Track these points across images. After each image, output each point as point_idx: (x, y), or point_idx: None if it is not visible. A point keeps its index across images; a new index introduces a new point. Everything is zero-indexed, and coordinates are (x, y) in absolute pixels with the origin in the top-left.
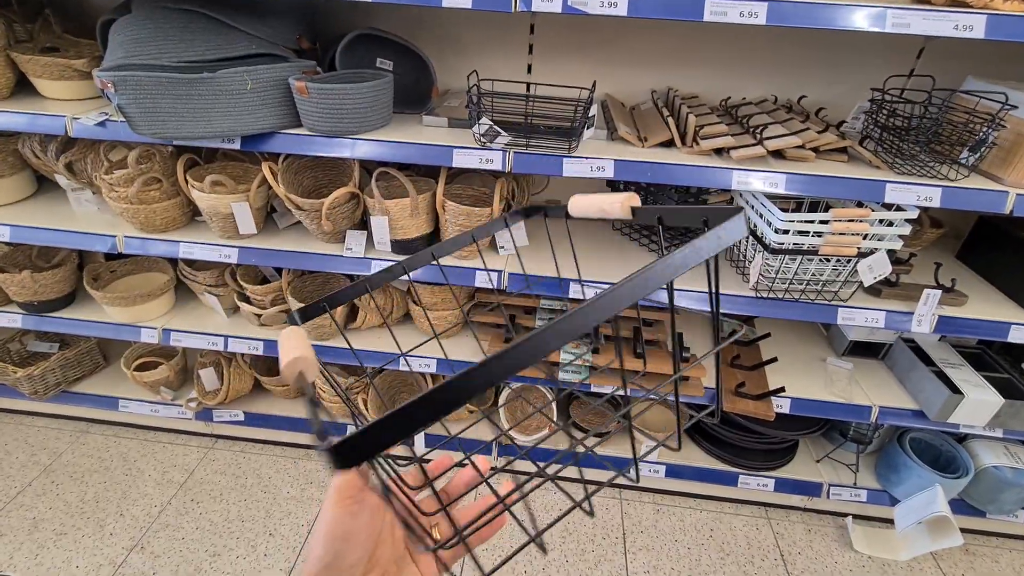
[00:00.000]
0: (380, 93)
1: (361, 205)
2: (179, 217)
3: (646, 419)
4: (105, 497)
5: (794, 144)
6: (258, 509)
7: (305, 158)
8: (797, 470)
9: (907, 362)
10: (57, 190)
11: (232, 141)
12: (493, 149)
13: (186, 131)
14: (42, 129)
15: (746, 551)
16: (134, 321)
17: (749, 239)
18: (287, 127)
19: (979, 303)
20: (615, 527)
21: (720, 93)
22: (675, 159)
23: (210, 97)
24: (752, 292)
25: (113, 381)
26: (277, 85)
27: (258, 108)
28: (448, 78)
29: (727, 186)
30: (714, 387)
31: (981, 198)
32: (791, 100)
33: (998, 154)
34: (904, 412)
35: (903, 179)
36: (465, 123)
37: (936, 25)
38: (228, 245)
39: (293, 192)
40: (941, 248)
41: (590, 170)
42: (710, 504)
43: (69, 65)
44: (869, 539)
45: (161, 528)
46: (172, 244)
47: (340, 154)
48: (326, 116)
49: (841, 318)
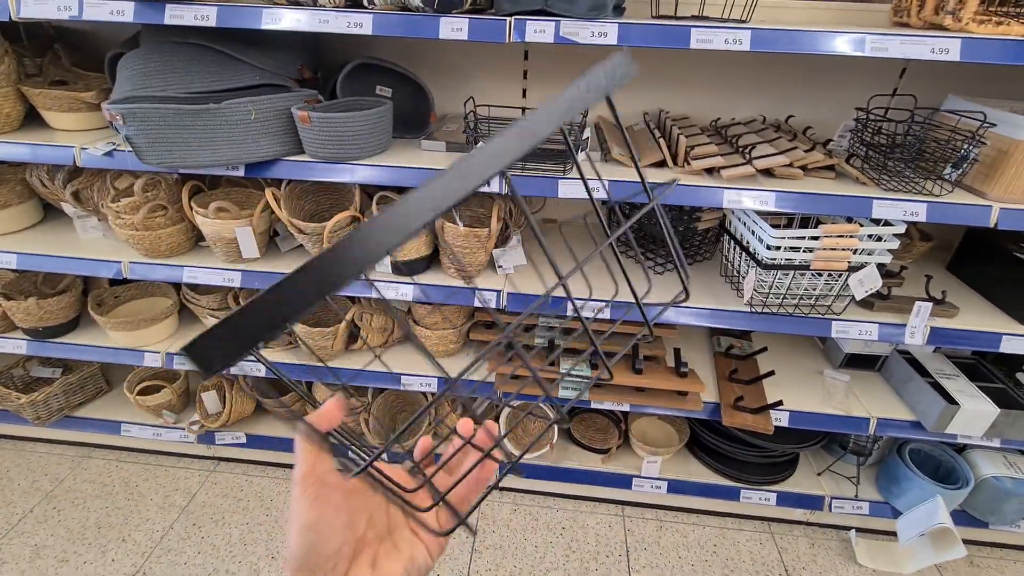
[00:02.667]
0: (380, 120)
1: None
2: (183, 242)
3: (646, 433)
4: (107, 523)
5: (782, 163)
6: (260, 532)
7: (307, 183)
8: (799, 483)
9: (903, 373)
10: (63, 218)
11: (236, 168)
12: None
13: (192, 160)
14: (51, 159)
15: (750, 567)
16: (138, 345)
17: (742, 255)
18: (290, 154)
19: (970, 314)
20: (618, 544)
21: (710, 114)
22: (667, 178)
23: (215, 127)
24: (747, 307)
25: (115, 405)
26: (280, 114)
27: (261, 136)
28: (445, 103)
29: (718, 204)
30: (715, 401)
31: (966, 212)
32: (779, 119)
33: (980, 169)
34: (902, 423)
35: (889, 195)
36: (463, 147)
37: (913, 49)
38: (231, 269)
39: (295, 216)
40: (931, 261)
41: (584, 191)
42: (713, 520)
43: (78, 98)
44: (873, 553)
45: (163, 553)
46: (176, 269)
47: (341, 179)
48: (328, 143)
49: (835, 331)
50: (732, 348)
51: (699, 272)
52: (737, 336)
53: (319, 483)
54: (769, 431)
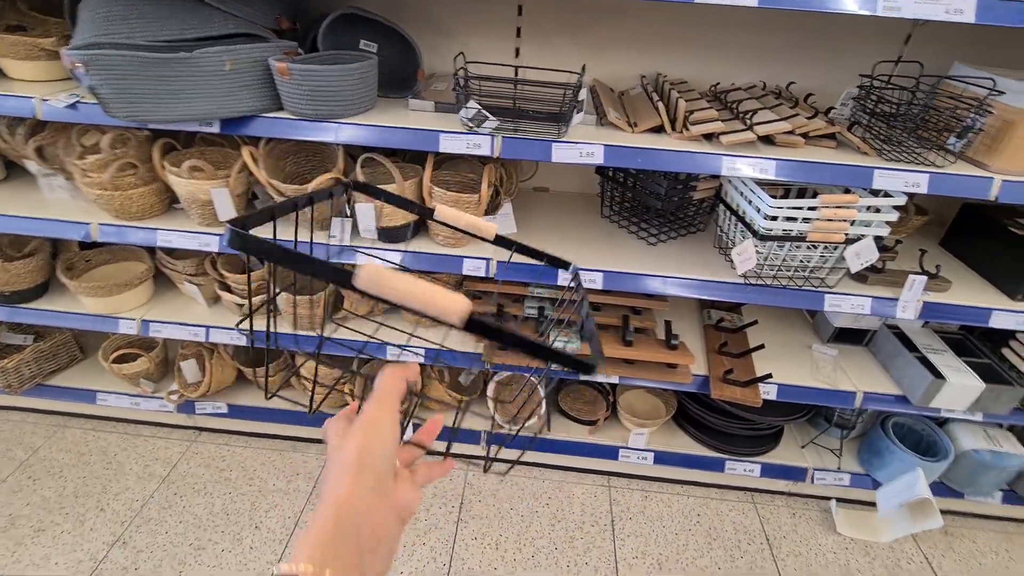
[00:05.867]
0: (365, 75)
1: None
2: (156, 204)
3: (633, 406)
4: (84, 492)
5: (783, 130)
6: (243, 502)
7: (287, 143)
8: (782, 455)
9: (891, 348)
10: (27, 176)
11: (211, 125)
12: (481, 134)
13: (162, 114)
14: (9, 111)
15: (732, 536)
16: (111, 312)
17: (737, 225)
18: (268, 110)
19: (962, 289)
20: (604, 514)
21: (709, 79)
22: (665, 145)
23: (187, 78)
24: (740, 279)
25: (91, 374)
26: (257, 66)
27: (238, 90)
28: (434, 61)
29: (716, 172)
30: (704, 374)
31: (967, 184)
32: (780, 86)
33: (984, 140)
34: (887, 397)
35: (891, 165)
36: (452, 107)
37: (927, 9)
38: (208, 233)
39: (275, 178)
40: (925, 235)
41: (579, 156)
42: (697, 490)
43: (36, 44)
44: (852, 522)
45: (143, 523)
46: (149, 232)
47: (323, 138)
48: (309, 99)
49: (828, 304)
50: (722, 321)
51: (692, 244)
52: (727, 309)
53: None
54: (758, 404)
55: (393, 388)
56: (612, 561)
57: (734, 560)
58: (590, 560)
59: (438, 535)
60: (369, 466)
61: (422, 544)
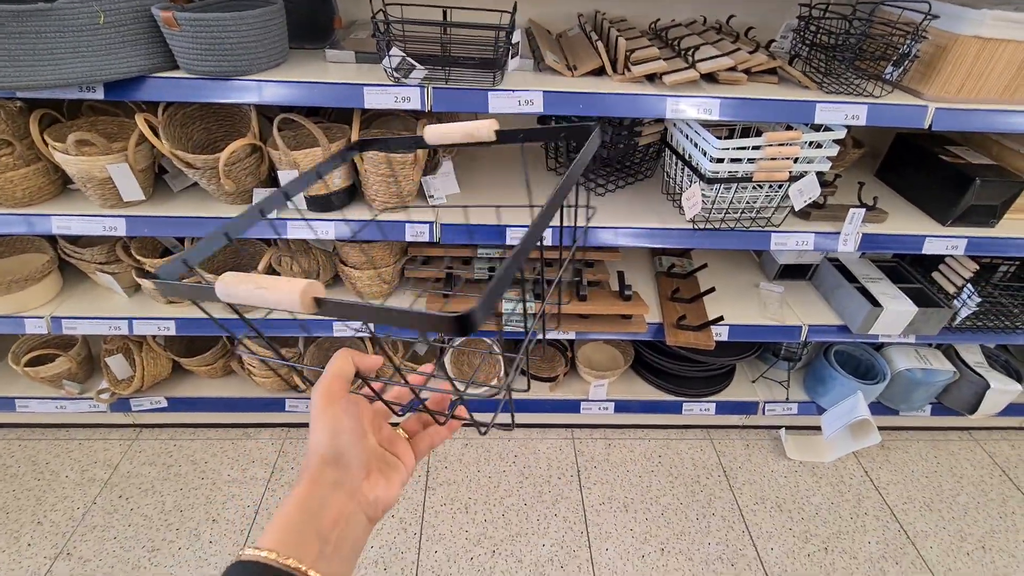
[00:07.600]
0: (269, 23)
1: (266, 159)
2: (46, 186)
3: (592, 358)
4: (16, 506)
5: (726, 66)
6: (197, 496)
7: (190, 107)
8: (735, 392)
9: (832, 280)
10: None
11: (93, 90)
12: (409, 85)
13: (26, 79)
14: None
15: (692, 472)
16: (15, 311)
17: (684, 170)
18: (160, 69)
19: (898, 219)
20: (569, 465)
21: (649, 16)
22: (607, 88)
23: (52, 35)
24: (689, 225)
25: (5, 380)
26: (140, 17)
27: (118, 47)
28: (352, 7)
29: (661, 115)
30: (659, 322)
31: (902, 114)
32: (720, 20)
33: (919, 68)
34: (830, 328)
35: (832, 99)
36: (375, 57)
37: None
38: (112, 215)
39: (181, 148)
40: (861, 168)
41: (518, 104)
42: (657, 433)
43: None
44: (800, 447)
45: (88, 530)
46: (41, 219)
47: (229, 99)
48: (205, 53)
49: (774, 243)
50: (674, 267)
51: (640, 191)
52: (678, 255)
53: (347, 400)
54: (711, 347)
55: (339, 371)
56: (580, 509)
57: (694, 495)
58: (559, 511)
59: (407, 505)
60: (331, 463)
61: (391, 516)
